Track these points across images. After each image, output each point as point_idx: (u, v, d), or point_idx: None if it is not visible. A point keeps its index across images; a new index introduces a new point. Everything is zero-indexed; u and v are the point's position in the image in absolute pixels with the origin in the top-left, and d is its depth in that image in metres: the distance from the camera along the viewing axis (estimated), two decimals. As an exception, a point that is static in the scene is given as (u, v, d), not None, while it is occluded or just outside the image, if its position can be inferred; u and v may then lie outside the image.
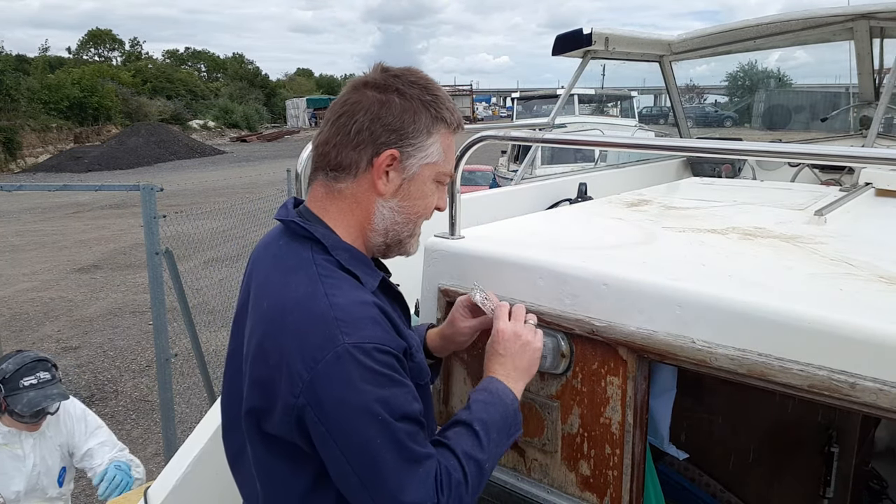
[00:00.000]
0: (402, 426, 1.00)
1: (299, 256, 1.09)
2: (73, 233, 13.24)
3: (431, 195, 1.18)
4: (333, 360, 0.97)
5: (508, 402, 1.16)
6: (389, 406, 0.99)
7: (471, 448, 1.08)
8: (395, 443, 0.99)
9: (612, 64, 3.50)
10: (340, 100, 1.14)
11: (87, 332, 7.45)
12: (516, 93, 20.88)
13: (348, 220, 1.14)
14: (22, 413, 2.49)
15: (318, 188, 1.16)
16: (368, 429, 0.98)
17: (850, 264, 1.34)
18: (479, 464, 1.07)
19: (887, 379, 0.98)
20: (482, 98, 71.04)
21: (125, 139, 31.26)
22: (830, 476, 1.87)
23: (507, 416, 1.15)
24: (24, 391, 2.48)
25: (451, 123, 1.16)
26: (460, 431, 1.10)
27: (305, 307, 1.02)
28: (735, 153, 1.83)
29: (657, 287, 1.20)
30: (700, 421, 2.05)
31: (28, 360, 2.57)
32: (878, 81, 3.28)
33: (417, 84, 1.12)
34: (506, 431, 1.14)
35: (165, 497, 1.72)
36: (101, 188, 4.23)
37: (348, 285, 1.07)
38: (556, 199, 2.67)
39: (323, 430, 0.99)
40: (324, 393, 0.98)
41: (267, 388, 1.03)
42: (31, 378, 2.50)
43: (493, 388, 1.17)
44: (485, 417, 1.12)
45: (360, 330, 1.00)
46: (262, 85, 63.10)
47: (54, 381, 2.58)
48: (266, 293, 1.10)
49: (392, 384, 1.01)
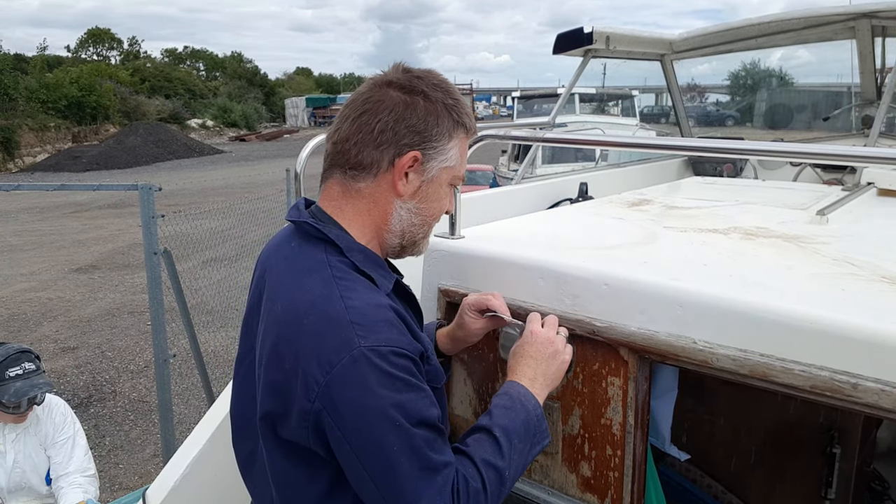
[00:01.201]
0: (420, 432, 0.99)
1: (313, 258, 1.08)
2: (71, 233, 13.22)
3: (446, 198, 1.19)
4: (350, 364, 0.96)
5: (531, 408, 1.13)
6: (406, 411, 0.98)
7: (490, 456, 1.06)
8: (411, 450, 0.97)
9: (613, 63, 3.49)
10: (361, 97, 1.12)
11: (85, 333, 7.44)
12: (517, 92, 20.85)
13: (364, 220, 1.13)
14: (8, 404, 2.50)
15: (333, 186, 1.14)
16: (385, 434, 0.96)
17: (853, 264, 1.34)
18: (498, 471, 1.05)
19: (889, 379, 0.97)
20: (482, 97, 71.07)
21: (123, 138, 31.21)
22: (832, 477, 1.86)
23: (530, 423, 1.12)
24: (10, 381, 2.50)
25: (469, 129, 1.17)
26: (480, 438, 1.08)
27: (321, 310, 1.01)
28: (737, 152, 1.82)
29: (658, 287, 1.20)
30: (701, 422, 2.04)
31: (12, 352, 2.60)
32: (880, 81, 3.28)
33: (440, 87, 1.12)
34: (529, 439, 1.11)
35: (164, 498, 1.71)
36: (99, 188, 4.22)
37: (363, 288, 1.06)
38: (556, 198, 2.66)
39: (339, 434, 0.97)
40: (340, 397, 0.96)
41: (282, 392, 1.02)
42: (16, 369, 2.53)
43: (515, 393, 1.14)
44: (506, 424, 1.09)
45: (377, 333, 0.99)
46: (261, 84, 63.05)
47: (39, 372, 2.61)
48: (279, 295, 1.08)
49: (409, 388, 1.00)
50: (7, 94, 28.11)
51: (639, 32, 3.12)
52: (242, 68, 64.95)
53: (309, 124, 54.67)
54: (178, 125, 40.24)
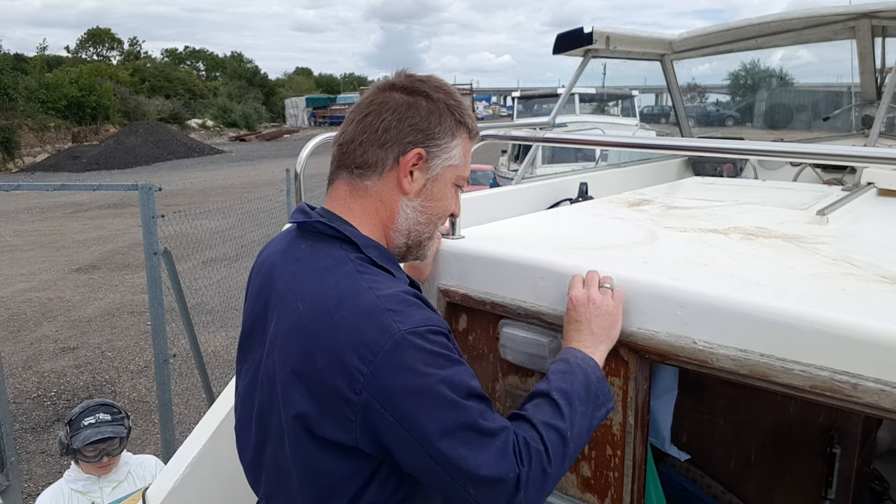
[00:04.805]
0: (471, 403, 1.00)
1: (331, 256, 1.09)
2: (71, 233, 13.22)
3: (451, 198, 1.20)
4: (392, 349, 0.97)
5: (590, 369, 1.12)
6: (455, 385, 0.99)
7: (550, 417, 1.05)
8: (467, 420, 0.98)
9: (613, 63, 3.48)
10: (365, 101, 1.16)
11: (85, 333, 7.44)
12: (517, 92, 20.85)
13: (372, 219, 1.15)
14: (77, 448, 2.67)
15: (341, 186, 1.16)
16: (439, 411, 0.97)
17: (853, 264, 1.34)
18: (559, 432, 1.04)
19: (889, 379, 0.97)
20: (482, 97, 71.06)
21: (123, 138, 31.22)
22: (832, 477, 1.86)
23: (591, 385, 1.11)
24: (83, 429, 2.71)
25: (471, 129, 1.19)
26: (538, 403, 1.08)
27: (352, 303, 1.01)
28: (737, 152, 1.82)
29: (658, 287, 1.20)
30: (701, 422, 2.05)
31: (92, 404, 2.85)
32: (880, 81, 3.27)
33: (442, 89, 1.16)
34: (591, 401, 1.11)
35: (164, 498, 1.70)
36: (98, 188, 4.21)
37: (387, 279, 1.08)
38: (556, 198, 2.65)
39: (392, 420, 0.97)
40: (388, 384, 0.97)
41: (317, 391, 1.01)
42: (90, 418, 2.74)
43: (571, 358, 1.14)
44: (564, 387, 1.09)
45: (412, 316, 1.00)
46: (261, 84, 63.09)
47: (114, 422, 2.77)
48: (300, 296, 1.07)
49: (452, 363, 1.01)
50: (7, 94, 28.12)
51: (639, 32, 3.12)
52: (242, 68, 64.97)
53: (309, 124, 54.66)
54: (178, 125, 40.26)
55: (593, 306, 1.18)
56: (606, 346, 1.18)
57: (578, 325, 1.18)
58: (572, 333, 1.19)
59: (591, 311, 1.18)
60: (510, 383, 1.43)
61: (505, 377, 1.43)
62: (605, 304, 1.19)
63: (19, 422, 5.24)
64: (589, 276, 1.24)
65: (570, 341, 1.18)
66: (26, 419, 5.36)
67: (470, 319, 1.48)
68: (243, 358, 1.23)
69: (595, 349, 1.16)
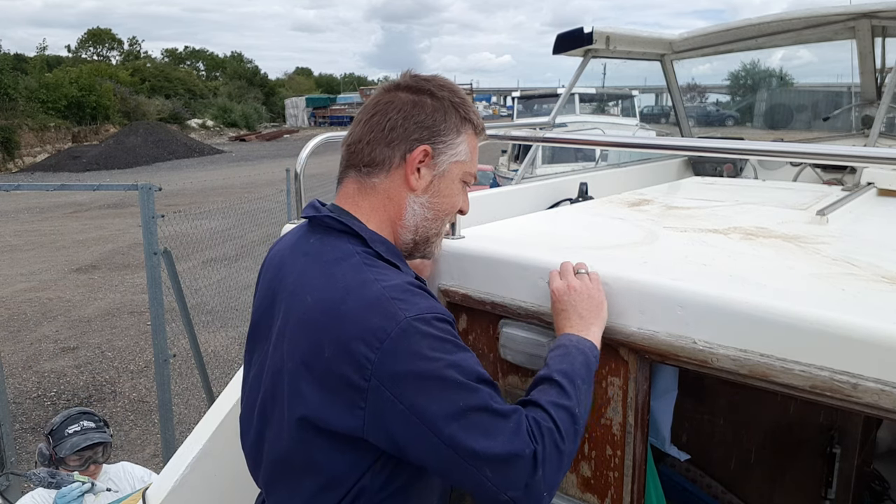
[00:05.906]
0: (481, 387, 1.00)
1: (339, 249, 1.11)
2: (71, 233, 13.22)
3: (458, 194, 1.22)
4: (399, 336, 0.98)
5: (587, 349, 1.14)
6: (463, 369, 1.00)
7: (556, 397, 1.06)
8: (478, 402, 0.99)
9: (613, 63, 3.48)
10: (372, 101, 1.18)
11: (85, 333, 7.44)
12: (517, 92, 20.84)
13: (380, 216, 1.17)
14: (63, 457, 2.65)
15: (349, 185, 1.19)
16: (448, 394, 0.98)
17: (853, 264, 1.34)
18: (568, 410, 1.05)
19: (889, 380, 0.97)
20: (482, 97, 71.05)
21: (123, 138, 31.21)
22: (832, 477, 1.86)
23: (591, 364, 1.13)
24: (68, 437, 2.70)
25: (477, 126, 1.22)
26: (542, 388, 1.09)
27: (359, 294, 1.03)
28: (737, 152, 1.82)
29: (658, 287, 1.20)
30: (701, 422, 2.05)
31: (74, 413, 2.85)
32: (880, 81, 3.27)
33: (446, 87, 1.19)
34: (593, 380, 1.13)
35: (164, 498, 1.71)
36: (98, 188, 4.21)
37: (392, 272, 1.09)
38: (556, 198, 2.65)
39: (402, 407, 0.98)
40: (396, 370, 0.98)
41: (325, 380, 1.02)
42: (75, 426, 2.74)
43: (566, 342, 1.15)
44: (564, 368, 1.10)
45: (417, 304, 1.02)
46: (261, 84, 63.08)
47: (98, 429, 2.77)
48: (308, 288, 1.09)
49: (458, 349, 1.02)
50: (7, 94, 28.12)
51: (639, 32, 3.12)
52: (242, 68, 64.96)
53: (309, 124, 54.67)
54: (178, 125, 40.25)
55: (575, 293, 1.20)
56: (598, 326, 1.19)
57: (566, 312, 1.19)
58: (562, 322, 1.20)
59: (574, 298, 1.19)
60: (510, 383, 1.43)
61: (505, 377, 1.43)
62: (585, 288, 1.20)
63: (19, 422, 5.24)
64: (563, 267, 1.25)
65: (562, 329, 1.19)
66: (26, 419, 5.36)
67: (470, 319, 1.48)
68: (252, 349, 1.24)
69: (588, 331, 1.17)
